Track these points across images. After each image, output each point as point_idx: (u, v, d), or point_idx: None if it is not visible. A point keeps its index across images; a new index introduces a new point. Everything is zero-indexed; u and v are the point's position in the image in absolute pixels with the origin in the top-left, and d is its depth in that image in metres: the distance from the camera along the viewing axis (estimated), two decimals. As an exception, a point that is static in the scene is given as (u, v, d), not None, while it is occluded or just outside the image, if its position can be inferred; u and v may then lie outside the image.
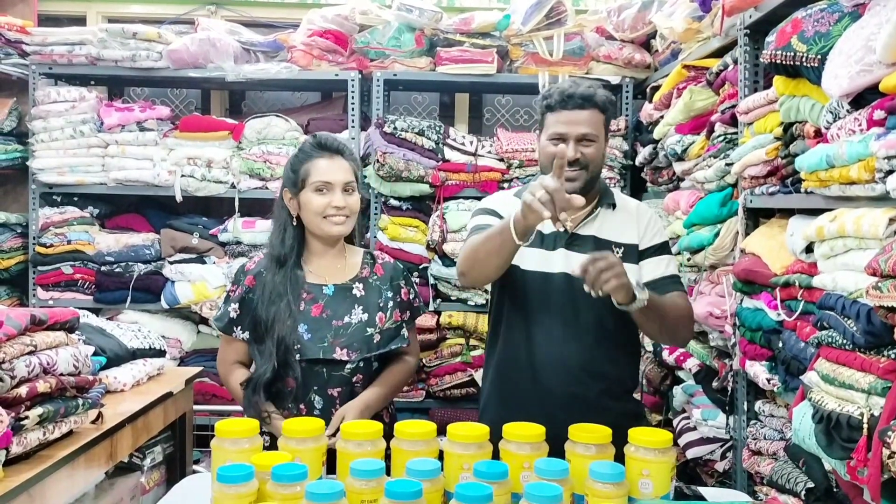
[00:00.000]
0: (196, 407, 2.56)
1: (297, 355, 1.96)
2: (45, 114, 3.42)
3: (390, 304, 2.06)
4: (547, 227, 2.00)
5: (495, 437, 1.52)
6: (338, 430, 1.64)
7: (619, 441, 1.51)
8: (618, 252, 1.98)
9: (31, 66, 3.46)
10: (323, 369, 1.98)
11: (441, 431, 1.50)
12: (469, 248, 1.94)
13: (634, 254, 2.00)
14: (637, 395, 3.02)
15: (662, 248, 2.04)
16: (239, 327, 2.03)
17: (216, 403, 3.39)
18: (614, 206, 2.03)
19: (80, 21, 3.97)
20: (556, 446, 1.52)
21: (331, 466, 1.55)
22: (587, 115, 1.95)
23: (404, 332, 2.08)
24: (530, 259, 1.99)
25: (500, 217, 1.99)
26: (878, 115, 1.51)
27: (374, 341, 2.02)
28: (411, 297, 2.14)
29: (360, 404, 1.95)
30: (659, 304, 1.89)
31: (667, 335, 2.04)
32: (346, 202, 2.00)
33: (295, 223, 2.05)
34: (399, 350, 2.09)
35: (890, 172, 1.46)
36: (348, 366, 1.99)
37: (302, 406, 1.98)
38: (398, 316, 2.08)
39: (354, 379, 2.00)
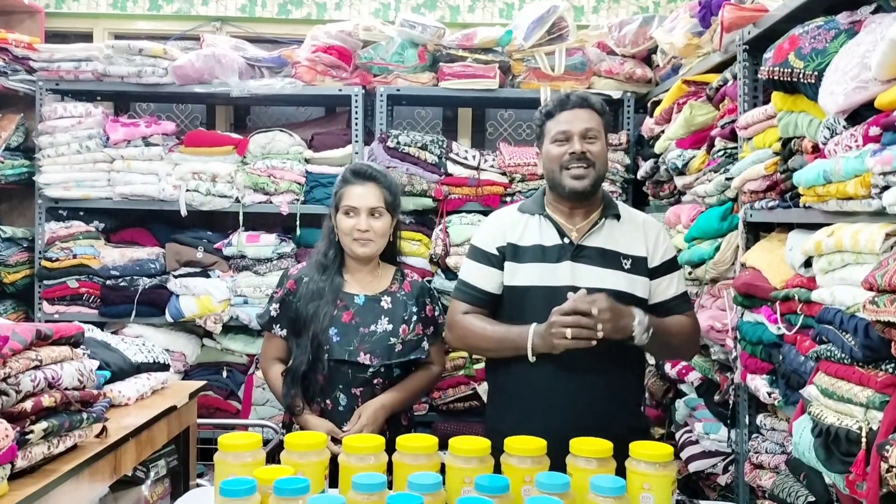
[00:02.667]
0: (200, 420, 2.57)
1: (326, 354, 2.16)
2: (51, 129, 3.45)
3: (414, 318, 2.25)
4: (549, 239, 2.02)
5: (501, 450, 1.52)
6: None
7: (624, 455, 1.51)
8: (626, 263, 2.00)
9: (38, 82, 3.49)
10: (348, 370, 2.18)
11: (444, 445, 1.51)
12: (469, 337, 2.06)
13: (643, 267, 2.02)
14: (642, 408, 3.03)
15: (672, 265, 2.08)
16: (278, 325, 2.28)
17: (220, 417, 3.40)
18: (619, 216, 2.05)
19: (87, 38, 4.02)
20: (564, 461, 1.52)
21: (333, 480, 1.56)
22: (586, 114, 2.02)
23: (425, 344, 2.26)
24: (532, 274, 2.00)
25: (493, 260, 2.05)
26: (874, 131, 1.52)
27: (396, 350, 2.21)
28: (436, 313, 2.32)
29: (377, 404, 2.15)
30: (664, 334, 1.95)
31: (671, 357, 2.07)
32: (369, 225, 2.20)
33: (337, 239, 2.26)
34: (421, 360, 2.27)
35: (886, 188, 1.48)
36: (370, 369, 2.18)
37: (328, 401, 2.19)
38: (420, 329, 2.26)
39: (375, 381, 2.19)
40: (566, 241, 2.01)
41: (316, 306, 2.19)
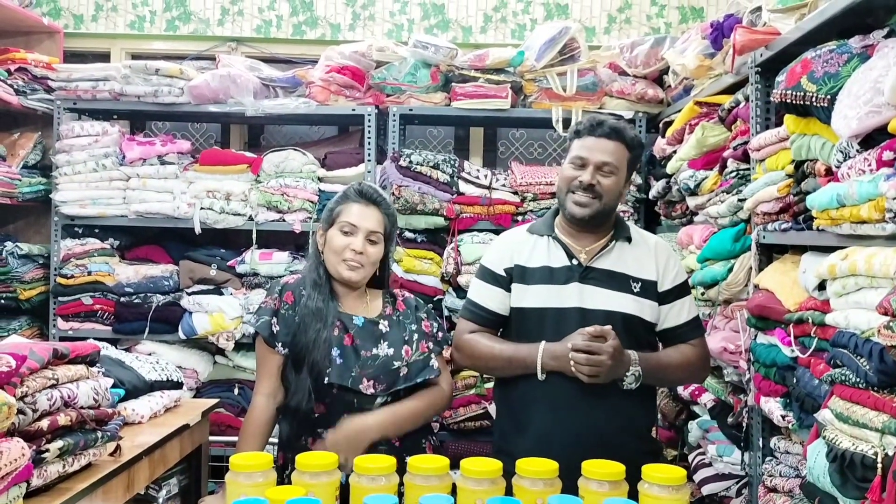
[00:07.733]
0: (211, 438, 2.57)
1: (327, 378, 1.97)
2: (68, 147, 3.49)
3: (415, 336, 2.09)
4: (557, 261, 2.02)
5: (510, 472, 1.52)
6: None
7: (635, 478, 1.50)
8: (635, 287, 1.99)
9: (56, 101, 3.54)
10: (352, 399, 2.00)
11: (455, 465, 1.51)
12: (477, 356, 2.05)
13: (653, 291, 2.01)
14: (654, 432, 3.02)
15: (683, 289, 2.07)
16: (280, 343, 2.04)
17: (231, 434, 3.40)
18: (630, 239, 2.05)
19: (105, 58, 4.07)
20: (573, 483, 1.51)
21: (344, 501, 1.56)
22: (612, 146, 1.98)
23: (433, 363, 2.09)
24: (539, 295, 2.00)
25: (501, 281, 2.05)
26: (888, 155, 1.53)
27: (402, 374, 2.04)
28: (434, 329, 2.16)
29: (361, 424, 1.94)
30: (659, 376, 1.99)
31: (672, 387, 2.08)
32: (364, 249, 2.04)
33: (323, 259, 2.10)
34: (429, 381, 2.09)
35: (900, 212, 1.48)
36: (378, 399, 2.01)
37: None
38: (424, 347, 2.10)
39: None
40: (574, 262, 2.01)
41: (317, 330, 1.99)
